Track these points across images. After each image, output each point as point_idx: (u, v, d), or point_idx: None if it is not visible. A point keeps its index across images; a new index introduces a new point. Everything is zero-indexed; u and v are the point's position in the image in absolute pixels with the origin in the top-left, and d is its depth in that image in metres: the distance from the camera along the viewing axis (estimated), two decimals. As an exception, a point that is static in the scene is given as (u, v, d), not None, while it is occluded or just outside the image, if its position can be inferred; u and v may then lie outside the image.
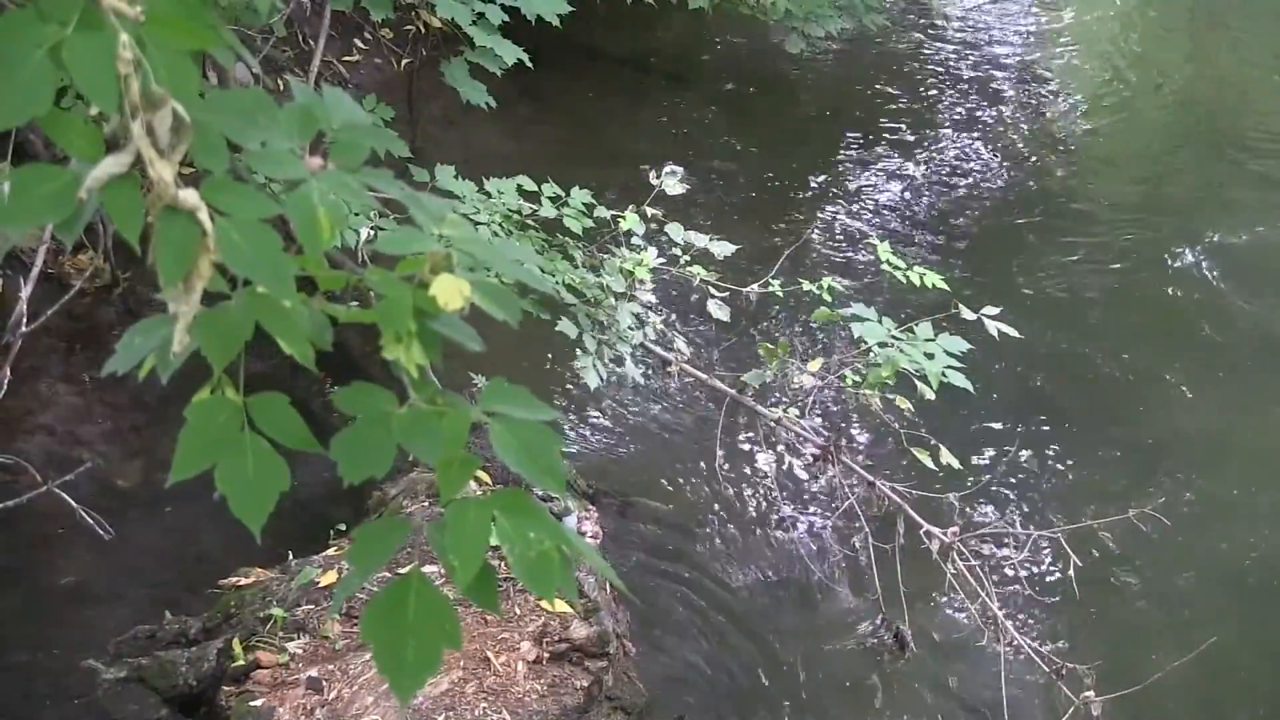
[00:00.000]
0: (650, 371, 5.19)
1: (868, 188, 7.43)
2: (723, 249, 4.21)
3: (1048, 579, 4.74)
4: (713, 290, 4.26)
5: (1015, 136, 8.10)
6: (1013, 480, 5.29)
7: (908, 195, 7.38)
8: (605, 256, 4.24)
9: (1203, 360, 6.11)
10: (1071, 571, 3.96)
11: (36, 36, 0.99)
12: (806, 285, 4.31)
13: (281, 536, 3.91)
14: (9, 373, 3.66)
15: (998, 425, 5.56)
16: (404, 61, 6.48)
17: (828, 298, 4.19)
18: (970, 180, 7.60)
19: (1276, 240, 7.09)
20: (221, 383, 1.14)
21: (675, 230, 4.23)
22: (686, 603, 4.58)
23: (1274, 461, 5.48)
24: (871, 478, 4.12)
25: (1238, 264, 6.84)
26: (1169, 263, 6.85)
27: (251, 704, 3.24)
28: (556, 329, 4.07)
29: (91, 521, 3.69)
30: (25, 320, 3.69)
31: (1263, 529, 5.10)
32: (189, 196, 1.06)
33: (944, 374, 3.81)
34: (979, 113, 8.35)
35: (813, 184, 7.41)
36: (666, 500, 5.01)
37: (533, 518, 1.14)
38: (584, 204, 4.18)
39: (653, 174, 4.24)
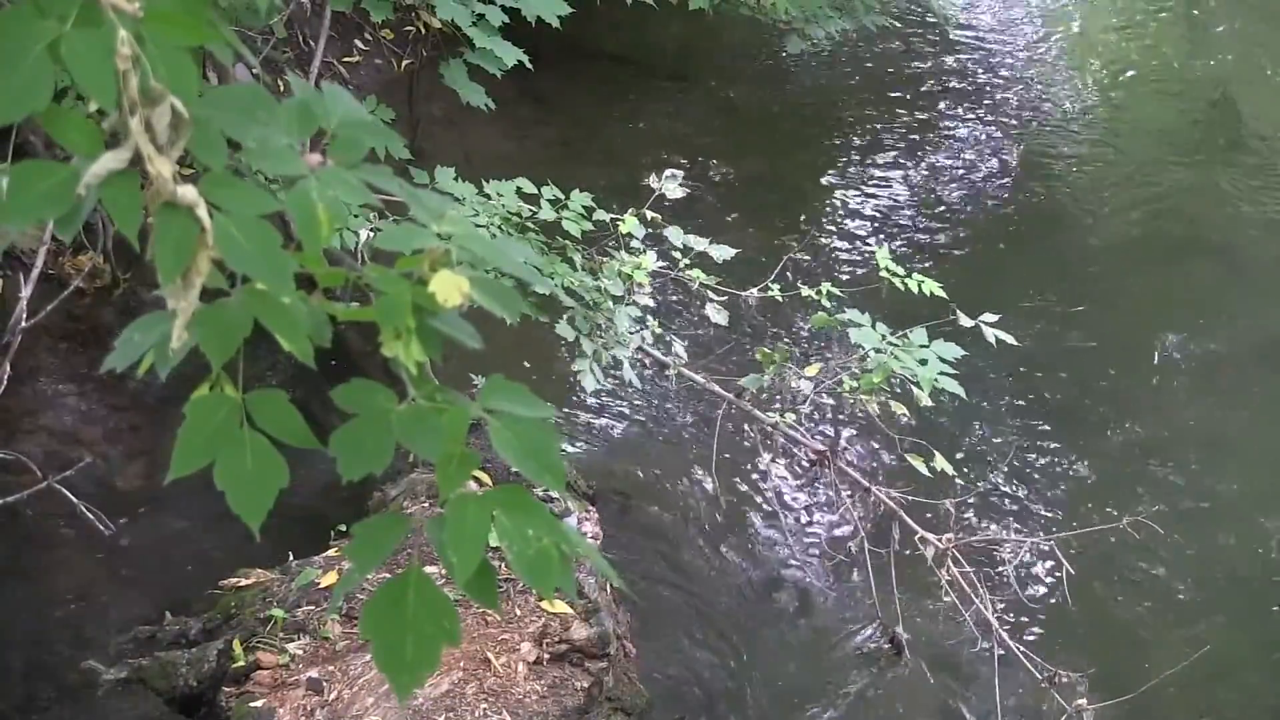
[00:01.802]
0: (651, 373, 5.18)
1: (868, 191, 7.42)
2: (722, 253, 4.20)
3: (1043, 585, 4.73)
4: (711, 294, 4.26)
5: (1016, 141, 8.10)
6: (1008, 486, 5.28)
7: (908, 199, 7.37)
8: (604, 260, 4.23)
9: (1202, 363, 6.11)
10: (1066, 577, 3.96)
11: (35, 32, 0.99)
12: (806, 291, 4.30)
13: (282, 537, 3.91)
14: (9, 368, 3.67)
15: (994, 431, 5.55)
16: (404, 63, 6.48)
17: (826, 303, 4.19)
18: (970, 185, 7.60)
19: (1276, 240, 7.09)
20: (220, 379, 1.14)
21: (675, 234, 4.22)
22: (687, 604, 4.58)
23: (1272, 465, 5.48)
24: (867, 483, 4.12)
25: (1237, 265, 6.84)
26: (1168, 267, 6.85)
27: (252, 705, 3.24)
28: (557, 329, 4.07)
29: (91, 517, 3.69)
30: (25, 319, 3.70)
31: (1260, 534, 5.09)
32: (188, 193, 1.06)
33: (937, 380, 3.82)
34: (980, 117, 8.34)
35: (813, 187, 7.40)
36: (666, 501, 5.01)
37: (532, 515, 1.14)
38: (584, 207, 4.18)
39: (653, 177, 4.24)
